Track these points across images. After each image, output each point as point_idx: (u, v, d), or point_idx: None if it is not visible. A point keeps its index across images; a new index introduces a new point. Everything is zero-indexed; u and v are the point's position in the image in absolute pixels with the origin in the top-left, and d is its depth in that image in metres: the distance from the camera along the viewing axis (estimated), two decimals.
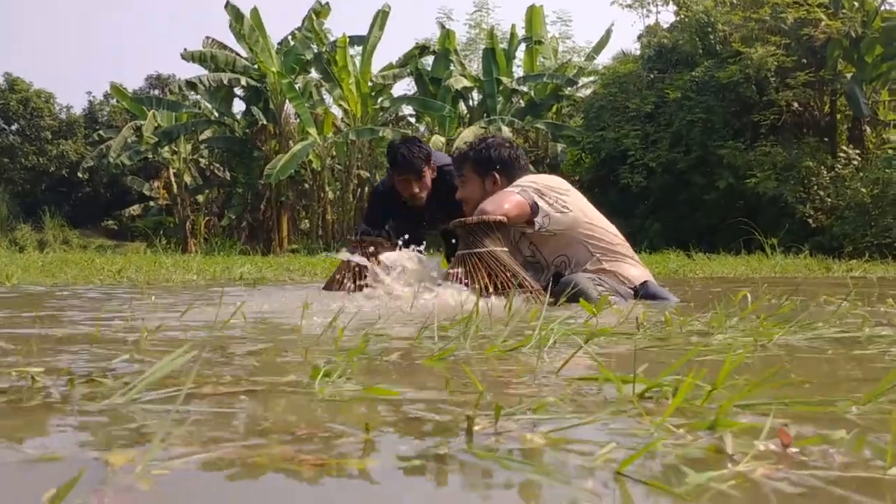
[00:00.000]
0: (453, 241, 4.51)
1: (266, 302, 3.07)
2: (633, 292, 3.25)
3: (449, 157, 4.49)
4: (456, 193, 3.58)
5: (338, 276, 4.07)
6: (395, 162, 4.23)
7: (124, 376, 1.13)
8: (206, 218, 26.05)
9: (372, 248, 3.62)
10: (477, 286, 2.84)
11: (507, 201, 3.19)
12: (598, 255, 3.34)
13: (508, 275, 2.92)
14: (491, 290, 2.82)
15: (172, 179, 25.18)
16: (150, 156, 24.34)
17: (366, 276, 3.96)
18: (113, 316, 2.55)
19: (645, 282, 3.30)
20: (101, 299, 3.49)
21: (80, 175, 26.17)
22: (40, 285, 4.81)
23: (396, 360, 1.38)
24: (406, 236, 3.41)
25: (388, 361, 1.37)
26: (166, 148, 24.06)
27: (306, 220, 24.97)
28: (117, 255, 12.34)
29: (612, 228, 3.50)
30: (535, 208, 3.25)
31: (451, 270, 3.04)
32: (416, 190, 4.22)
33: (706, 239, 14.93)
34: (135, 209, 28.42)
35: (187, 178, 25.34)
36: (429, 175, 4.25)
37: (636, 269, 3.39)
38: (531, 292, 2.92)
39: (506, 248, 3.08)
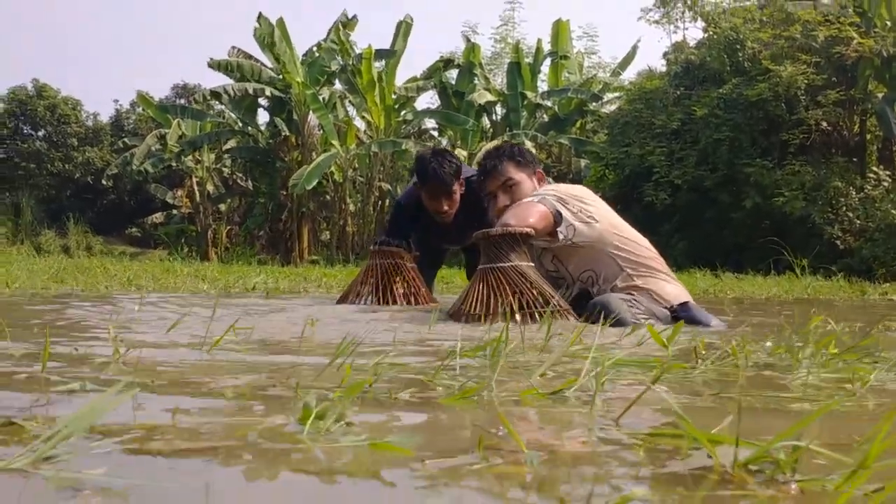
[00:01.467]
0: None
1: (270, 318, 2.87)
2: (669, 313, 2.94)
3: (473, 169, 4.24)
4: (498, 203, 3.22)
5: (354, 290, 3.89)
6: (424, 177, 3.90)
7: (57, 418, 0.93)
8: (228, 227, 26.07)
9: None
10: (500, 304, 2.64)
11: (530, 213, 2.91)
12: (628, 269, 3.05)
13: (535, 293, 2.70)
14: (515, 308, 2.61)
15: (195, 188, 25.22)
16: (174, 164, 24.41)
17: (385, 288, 3.79)
18: (91, 330, 2.35)
19: (685, 302, 2.99)
20: (93, 309, 3.29)
21: (104, 182, 26.32)
22: (43, 291, 4.67)
23: (410, 399, 1.14)
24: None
25: (400, 400, 1.13)
26: (189, 157, 24.11)
27: (327, 232, 24.88)
28: (134, 263, 12.25)
29: (644, 241, 3.21)
30: (557, 218, 2.97)
31: (470, 288, 2.84)
32: (446, 207, 3.91)
33: (733, 258, 14.61)
34: (157, 217, 28.48)
35: (210, 188, 25.39)
36: (458, 191, 3.94)
37: (672, 287, 3.09)
38: (560, 312, 2.69)
39: (532, 264, 2.85)
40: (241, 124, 23.97)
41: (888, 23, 15.80)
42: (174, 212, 28.17)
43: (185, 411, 1.05)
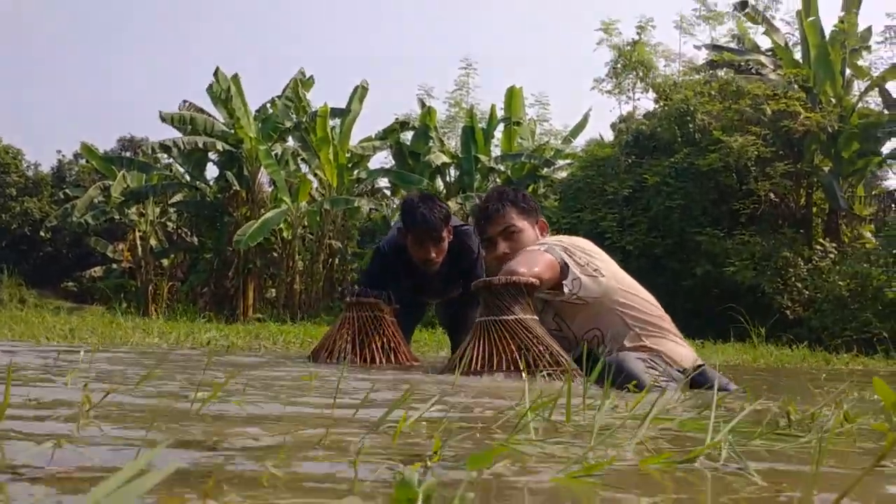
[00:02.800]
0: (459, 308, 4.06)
1: (251, 374, 2.57)
2: (683, 377, 2.71)
3: (458, 219, 4.01)
4: (496, 250, 2.99)
5: (327, 344, 3.59)
6: (413, 223, 3.67)
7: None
8: (170, 283, 25.27)
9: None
10: (503, 360, 2.39)
11: (535, 261, 2.67)
12: (637, 328, 2.82)
13: (541, 349, 2.45)
14: (522, 366, 2.36)
15: (138, 242, 24.48)
16: (117, 217, 23.71)
17: (362, 343, 3.50)
18: (43, 380, 2.02)
19: (701, 366, 2.77)
20: (39, 358, 2.91)
21: (42, 234, 25.42)
22: None
23: (509, 477, 0.83)
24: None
25: (496, 477, 0.82)
26: (133, 209, 23.46)
27: (273, 289, 24.32)
28: (73, 317, 11.64)
29: (652, 299, 3.00)
30: (564, 270, 2.74)
31: (468, 343, 2.58)
32: (433, 255, 3.68)
33: (686, 324, 14.61)
34: (96, 271, 27.54)
35: (153, 242, 24.68)
36: (447, 238, 3.73)
37: (684, 349, 2.87)
38: (568, 372, 2.44)
39: (536, 317, 2.61)
40: (189, 178, 23.49)
41: (833, 99, 16.38)
42: (114, 266, 27.27)
43: (218, 492, 0.75)
